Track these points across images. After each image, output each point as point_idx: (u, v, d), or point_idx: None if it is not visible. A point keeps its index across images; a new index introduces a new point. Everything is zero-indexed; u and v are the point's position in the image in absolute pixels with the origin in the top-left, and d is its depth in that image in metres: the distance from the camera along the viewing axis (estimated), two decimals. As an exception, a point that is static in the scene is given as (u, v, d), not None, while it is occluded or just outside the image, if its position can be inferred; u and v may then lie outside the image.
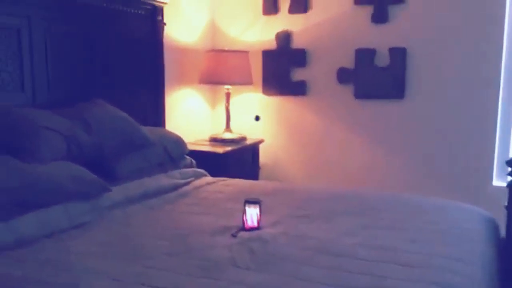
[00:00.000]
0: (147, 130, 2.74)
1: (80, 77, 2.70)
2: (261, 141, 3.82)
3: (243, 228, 2.01)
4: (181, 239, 1.86)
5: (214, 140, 3.66)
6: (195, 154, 3.26)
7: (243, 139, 3.71)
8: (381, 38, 3.47)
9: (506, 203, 2.30)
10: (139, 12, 3.07)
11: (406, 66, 3.44)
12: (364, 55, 3.53)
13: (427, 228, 1.99)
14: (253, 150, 3.77)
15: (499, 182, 3.27)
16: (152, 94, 3.23)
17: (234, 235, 1.93)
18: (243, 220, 2.04)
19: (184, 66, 3.69)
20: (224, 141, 3.62)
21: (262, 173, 3.85)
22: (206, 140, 3.70)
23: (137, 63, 3.10)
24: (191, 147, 3.42)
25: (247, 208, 2.04)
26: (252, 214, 2.04)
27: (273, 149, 3.92)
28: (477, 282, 1.54)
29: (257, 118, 3.74)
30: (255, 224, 2.03)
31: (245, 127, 3.90)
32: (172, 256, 1.70)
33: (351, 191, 2.61)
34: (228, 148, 3.46)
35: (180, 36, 3.63)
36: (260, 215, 2.05)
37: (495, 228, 2.27)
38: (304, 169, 3.86)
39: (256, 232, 1.98)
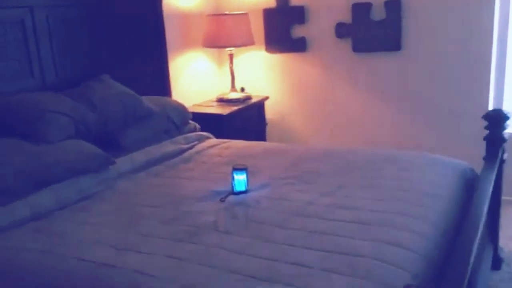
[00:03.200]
0: (149, 100, 2.96)
1: (86, 56, 2.93)
2: (266, 98, 3.99)
3: (232, 192, 2.26)
4: (174, 206, 2.12)
5: (221, 101, 3.86)
6: (201, 116, 3.48)
7: (248, 98, 3.89)
8: (376, -9, 3.52)
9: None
10: (138, -15, 3.22)
11: (401, 18, 3.48)
12: (361, 9, 3.58)
13: (398, 186, 2.17)
14: (258, 107, 3.95)
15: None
16: (156, 63, 3.41)
17: (222, 200, 2.17)
18: (232, 185, 2.28)
19: (187, 30, 3.85)
20: (230, 101, 3.82)
21: (268, 129, 4.06)
22: (213, 101, 3.90)
23: (139, 35, 3.29)
24: (198, 109, 3.66)
25: (234, 175, 2.27)
26: (239, 180, 2.27)
27: (278, 105, 4.09)
28: (426, 238, 1.74)
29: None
30: (243, 188, 2.27)
31: (251, 85, 4.07)
32: (164, 223, 1.96)
33: (339, 150, 2.78)
34: (234, 108, 3.66)
35: (182, 2, 3.76)
36: (248, 180, 2.29)
37: (472, 179, 2.43)
38: (308, 123, 4.04)
39: (243, 196, 2.22)
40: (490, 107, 3.40)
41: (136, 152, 2.69)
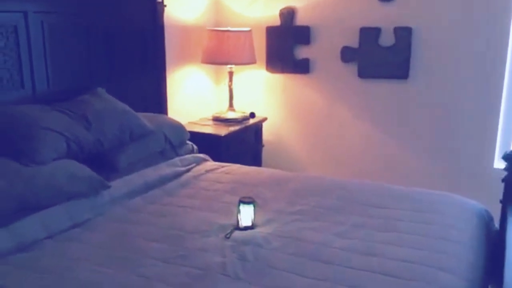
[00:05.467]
0: (147, 118, 2.77)
1: (80, 67, 2.72)
2: (264, 120, 3.83)
3: (237, 227, 2.08)
4: (176, 241, 1.93)
5: (217, 120, 3.68)
6: (197, 136, 3.29)
7: (246, 118, 3.72)
8: (386, 17, 3.40)
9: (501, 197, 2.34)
10: (138, -5, 3.04)
11: (411, 46, 3.37)
12: (369, 34, 3.47)
13: (418, 229, 2.02)
14: (256, 129, 3.79)
15: (500, 164, 3.26)
16: (154, 77, 3.23)
17: (227, 237, 1.99)
18: (237, 219, 2.09)
19: (187, 44, 3.67)
20: (227, 121, 3.64)
21: (265, 151, 3.89)
22: (209, 119, 3.72)
23: (138, 47, 3.10)
24: (193, 127, 3.47)
25: (241, 208, 2.09)
26: (246, 214, 2.09)
27: (276, 126, 3.93)
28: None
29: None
30: (249, 223, 2.09)
31: (249, 104, 3.91)
32: (167, 262, 1.76)
33: (345, 182, 2.62)
34: (231, 129, 3.48)
35: (182, 14, 3.59)
36: (254, 214, 2.11)
37: (488, 222, 2.31)
38: (306, 147, 3.89)
39: (250, 232, 2.03)
40: (498, 145, 3.31)
41: (130, 175, 2.49)
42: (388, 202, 2.32)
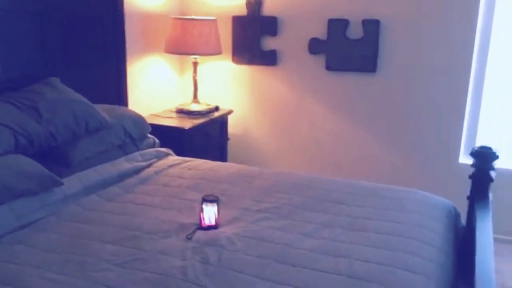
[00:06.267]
0: (105, 110, 2.61)
1: (33, 55, 2.53)
2: (230, 112, 3.71)
3: (200, 227, 1.97)
4: (133, 243, 1.80)
5: (181, 112, 3.54)
6: (159, 129, 3.15)
7: (211, 111, 3.59)
8: (354, 9, 3.33)
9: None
10: (97, -21, 2.86)
11: (379, 39, 3.32)
12: (337, 26, 3.39)
13: (387, 228, 1.95)
14: (221, 122, 3.67)
15: (465, 159, 3.26)
16: (113, 67, 3.07)
17: (189, 238, 1.87)
18: (200, 218, 1.98)
19: (149, 33, 3.51)
20: (191, 113, 3.50)
21: (230, 144, 3.78)
22: (172, 112, 3.58)
23: (96, 35, 2.93)
24: (155, 120, 3.32)
25: (204, 207, 1.98)
26: (209, 213, 1.98)
27: (242, 119, 3.83)
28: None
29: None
30: (213, 222, 1.98)
31: (214, 96, 3.79)
32: (122, 267, 1.64)
33: (314, 179, 2.54)
34: (195, 122, 3.35)
35: (144, 1, 3.42)
36: (218, 213, 2.00)
37: (455, 219, 2.27)
38: (274, 141, 3.80)
39: (213, 232, 1.93)
40: (463, 139, 3.30)
41: (86, 170, 2.34)
42: (358, 200, 2.25)
